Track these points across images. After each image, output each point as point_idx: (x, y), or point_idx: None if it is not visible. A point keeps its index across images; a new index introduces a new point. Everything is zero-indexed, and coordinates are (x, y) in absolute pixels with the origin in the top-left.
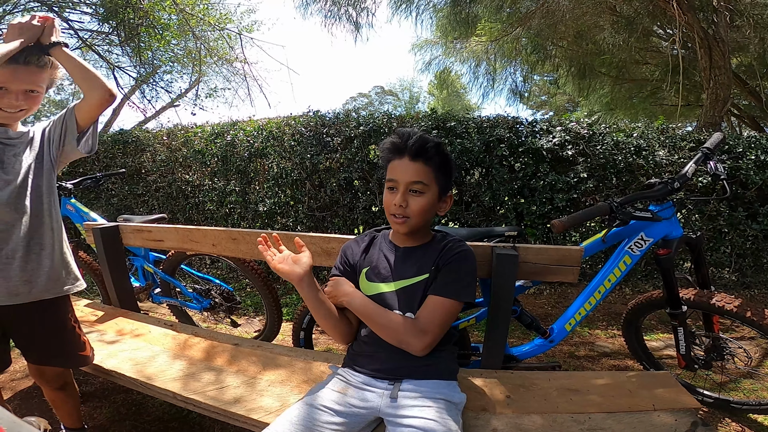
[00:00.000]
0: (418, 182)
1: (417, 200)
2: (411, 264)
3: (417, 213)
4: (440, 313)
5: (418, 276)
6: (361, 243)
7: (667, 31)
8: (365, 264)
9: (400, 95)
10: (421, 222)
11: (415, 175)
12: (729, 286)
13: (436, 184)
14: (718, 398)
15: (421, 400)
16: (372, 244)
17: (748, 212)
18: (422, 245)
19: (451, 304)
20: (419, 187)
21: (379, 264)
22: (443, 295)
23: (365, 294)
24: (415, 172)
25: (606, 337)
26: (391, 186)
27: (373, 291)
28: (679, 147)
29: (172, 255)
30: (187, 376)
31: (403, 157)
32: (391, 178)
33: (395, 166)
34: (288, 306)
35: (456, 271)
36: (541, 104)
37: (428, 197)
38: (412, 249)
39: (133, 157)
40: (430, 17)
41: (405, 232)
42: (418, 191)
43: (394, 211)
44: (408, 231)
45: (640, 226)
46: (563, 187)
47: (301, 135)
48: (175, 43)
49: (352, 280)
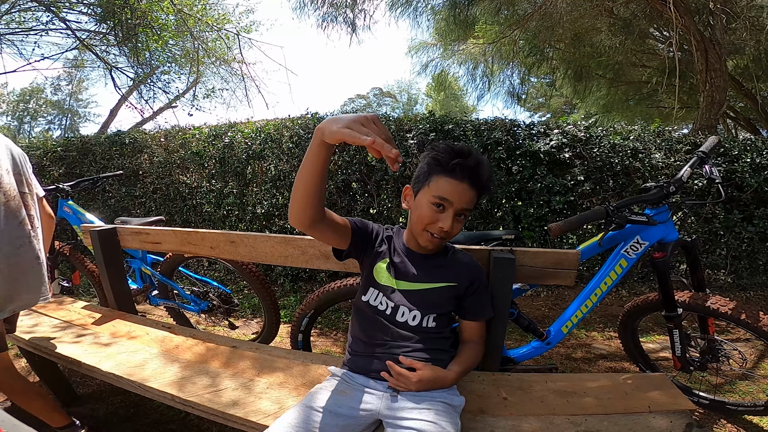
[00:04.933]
0: (467, 209)
1: (459, 224)
2: (426, 270)
3: (453, 235)
4: (483, 332)
5: (438, 282)
6: (383, 234)
7: (663, 33)
8: (385, 255)
9: (399, 97)
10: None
11: (470, 203)
12: (725, 288)
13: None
14: (713, 400)
15: (420, 402)
16: (391, 241)
17: (743, 215)
18: (437, 254)
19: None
20: (467, 213)
21: (398, 262)
22: (482, 318)
23: (378, 281)
24: (470, 200)
25: (603, 339)
26: (440, 204)
27: (388, 283)
28: (675, 150)
29: (170, 257)
30: (184, 379)
31: (464, 180)
32: (444, 197)
33: (452, 186)
34: (286, 308)
35: (483, 292)
36: (538, 106)
37: (464, 221)
38: (428, 256)
39: (130, 158)
40: (427, 19)
41: (433, 249)
42: (463, 215)
43: (437, 231)
44: (434, 248)
45: (635, 230)
46: (560, 189)
47: (299, 137)
48: (172, 43)
49: (362, 248)
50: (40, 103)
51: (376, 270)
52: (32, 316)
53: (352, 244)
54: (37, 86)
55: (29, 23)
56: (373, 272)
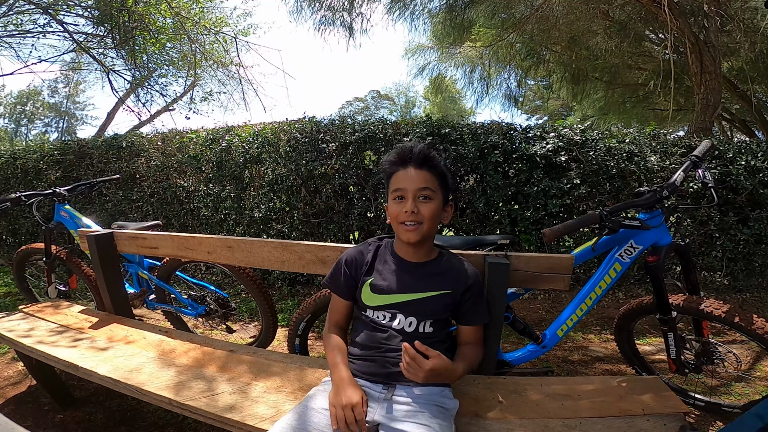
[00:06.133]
0: (426, 188)
1: (427, 206)
2: (420, 278)
3: (428, 218)
4: (481, 335)
5: (432, 291)
6: (366, 253)
7: (659, 35)
8: (370, 275)
9: (396, 99)
10: (432, 228)
11: (423, 182)
12: (721, 290)
13: (440, 192)
14: (709, 402)
15: (415, 406)
16: (377, 255)
17: (738, 217)
18: (431, 261)
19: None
20: (428, 192)
21: (386, 276)
22: (479, 322)
23: (368, 305)
24: (422, 179)
25: (599, 342)
26: (399, 195)
27: (378, 302)
28: (670, 153)
29: (167, 262)
30: (181, 383)
31: (408, 167)
32: (399, 187)
33: (400, 177)
34: (283, 312)
35: (480, 297)
36: (535, 109)
37: (436, 203)
38: (420, 264)
39: (127, 162)
40: (424, 23)
41: (417, 240)
42: (427, 197)
43: (405, 218)
44: (420, 238)
45: (629, 235)
46: (557, 193)
47: (297, 141)
48: (170, 46)
49: (350, 290)
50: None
51: (363, 296)
52: (29, 320)
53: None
54: (34, 89)
55: (27, 25)
56: (362, 298)
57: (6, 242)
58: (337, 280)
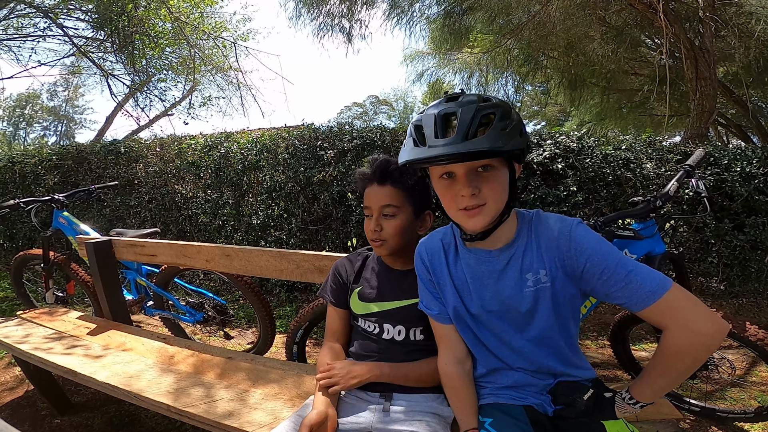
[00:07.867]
0: (388, 205)
1: (390, 223)
2: (405, 286)
3: (392, 235)
4: None
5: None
6: (354, 262)
7: (655, 40)
8: (358, 283)
9: (395, 105)
10: (399, 243)
11: (385, 199)
12: (717, 296)
13: (409, 204)
14: (704, 407)
15: (411, 414)
16: (365, 264)
17: (734, 223)
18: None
19: None
20: (390, 210)
21: (373, 284)
22: None
23: (357, 313)
24: (384, 196)
25: (596, 348)
26: (368, 213)
27: (366, 310)
28: (665, 159)
29: (165, 268)
30: (180, 389)
31: (373, 184)
32: (366, 205)
33: (368, 193)
34: (281, 318)
35: None
36: (533, 114)
37: (402, 218)
38: (406, 271)
39: (125, 167)
40: (421, 29)
41: (385, 255)
42: (389, 215)
43: (370, 236)
44: (387, 253)
45: (623, 244)
46: (554, 200)
47: (295, 148)
48: (169, 51)
49: (343, 298)
50: (36, 109)
51: (352, 304)
52: (26, 326)
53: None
54: (33, 92)
55: (27, 29)
56: (350, 306)
57: (3, 247)
58: (330, 290)
